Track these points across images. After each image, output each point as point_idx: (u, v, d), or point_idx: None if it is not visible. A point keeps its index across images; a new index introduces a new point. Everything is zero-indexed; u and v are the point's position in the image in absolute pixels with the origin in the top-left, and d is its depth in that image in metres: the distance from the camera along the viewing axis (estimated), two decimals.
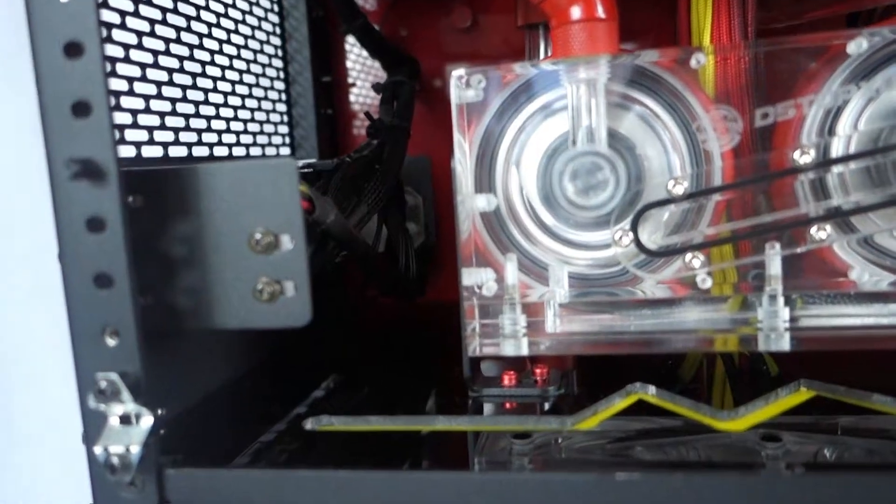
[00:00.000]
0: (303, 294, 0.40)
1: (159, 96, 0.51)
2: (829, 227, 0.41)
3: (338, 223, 0.50)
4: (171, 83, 0.53)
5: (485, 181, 0.47)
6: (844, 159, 0.41)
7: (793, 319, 0.42)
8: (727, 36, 0.49)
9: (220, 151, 0.60)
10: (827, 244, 0.41)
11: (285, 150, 0.73)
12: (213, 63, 0.59)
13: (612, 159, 0.42)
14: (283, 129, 0.72)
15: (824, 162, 0.40)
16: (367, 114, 0.63)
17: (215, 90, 0.59)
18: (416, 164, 0.73)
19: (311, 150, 0.74)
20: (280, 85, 0.72)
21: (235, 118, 0.63)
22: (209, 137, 0.58)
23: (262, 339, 0.59)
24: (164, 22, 0.52)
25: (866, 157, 0.41)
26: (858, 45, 0.40)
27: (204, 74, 0.58)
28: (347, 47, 0.78)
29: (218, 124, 0.60)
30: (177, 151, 0.53)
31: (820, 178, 0.42)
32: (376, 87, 0.69)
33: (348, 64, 0.78)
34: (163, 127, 0.52)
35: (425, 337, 0.69)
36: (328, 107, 0.76)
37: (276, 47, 0.71)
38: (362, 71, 0.80)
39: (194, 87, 0.56)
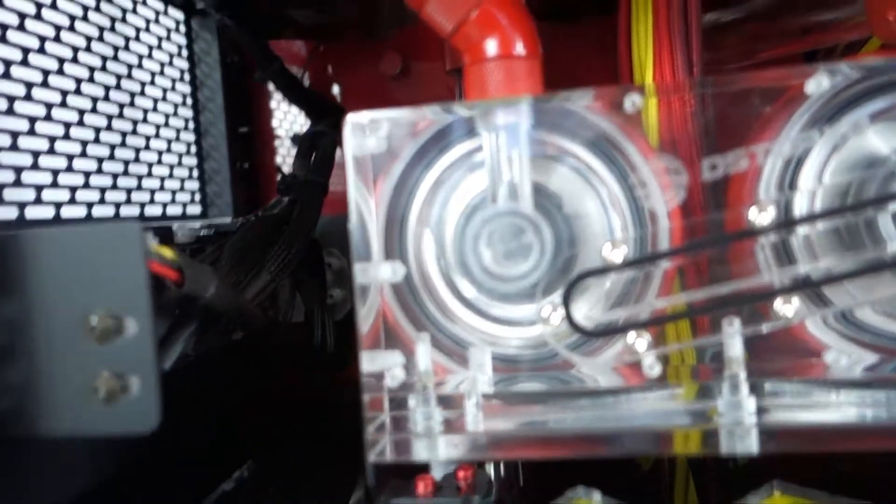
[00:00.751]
0: (149, 392, 0.32)
1: (14, 148, 0.44)
2: (796, 300, 0.34)
3: (222, 296, 0.42)
4: (32, 132, 0.45)
5: (393, 246, 0.39)
6: (809, 219, 0.34)
7: (760, 411, 0.35)
8: (671, 74, 0.43)
9: (103, 211, 0.52)
10: (796, 321, 0.34)
11: (194, 209, 0.65)
12: (94, 111, 0.51)
13: (536, 220, 0.35)
14: (192, 184, 0.65)
15: (786, 222, 0.34)
16: (279, 168, 0.56)
17: (97, 141, 0.52)
18: (342, 222, 0.65)
19: (225, 207, 0.66)
20: (189, 136, 0.65)
21: (125, 173, 0.55)
22: (86, 196, 0.50)
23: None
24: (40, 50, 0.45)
25: (835, 216, 0.34)
26: (818, 84, 0.34)
27: (81, 123, 0.50)
28: (272, 95, 0.71)
29: (100, 180, 0.52)
30: (37, 212, 0.45)
31: (783, 241, 0.35)
32: (295, 139, 0.62)
33: (274, 113, 0.71)
34: (18, 184, 0.44)
35: (352, 415, 0.60)
36: (245, 160, 0.69)
37: (183, 95, 0.64)
38: (287, 120, 0.73)
39: (66, 137, 0.48)
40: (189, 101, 0.65)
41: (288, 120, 0.72)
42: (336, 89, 0.70)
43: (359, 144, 0.38)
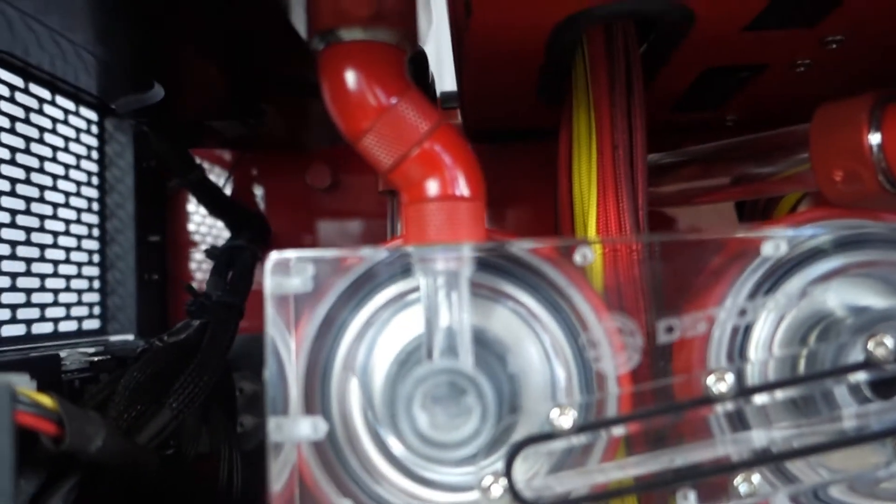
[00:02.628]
0: None
1: None
2: (757, 476, 0.31)
3: (110, 447, 0.36)
4: None
5: (316, 397, 0.35)
6: (766, 388, 0.32)
7: None
8: (616, 218, 0.41)
9: None
10: (758, 499, 0.31)
11: (92, 324, 0.58)
12: None
13: (478, 380, 0.31)
14: (91, 297, 0.59)
15: (743, 391, 0.31)
16: (189, 287, 0.51)
17: None
18: (256, 342, 0.60)
19: (128, 323, 0.60)
20: (91, 244, 0.59)
21: (12, 288, 0.49)
22: None
23: None
24: None
25: (791, 386, 0.32)
26: (776, 247, 0.32)
27: None
28: (190, 201, 0.67)
29: None
30: None
31: (738, 410, 0.33)
32: (210, 253, 0.57)
33: (190, 219, 0.67)
34: None
35: None
36: (154, 271, 0.63)
37: (89, 200, 0.59)
38: (208, 228, 0.68)
39: None
40: (95, 206, 0.60)
41: (205, 227, 0.68)
42: (260, 198, 0.66)
43: (280, 283, 0.34)
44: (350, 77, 0.33)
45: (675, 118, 0.58)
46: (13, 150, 0.49)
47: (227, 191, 0.65)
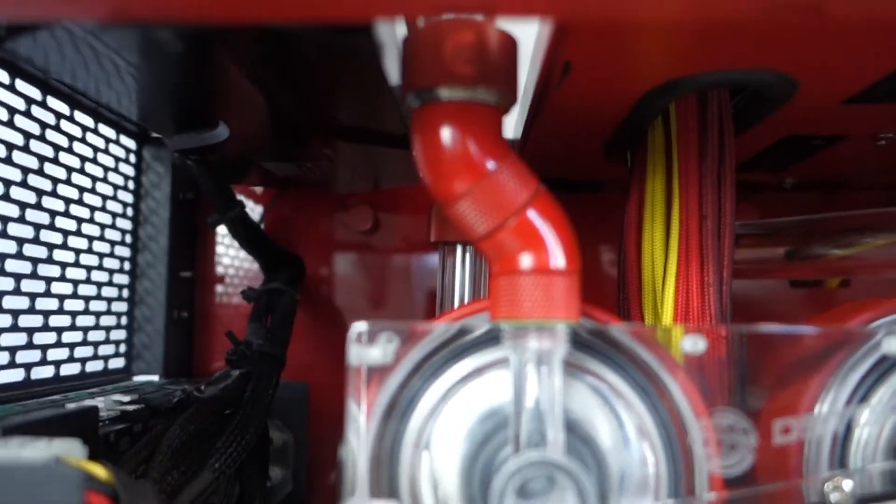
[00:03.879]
0: None
1: None
2: None
3: None
4: None
5: (383, 478, 0.33)
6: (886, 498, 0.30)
7: None
8: (698, 296, 0.39)
9: (8, 377, 0.43)
10: None
11: (117, 363, 0.56)
12: (20, 255, 0.43)
13: (578, 476, 0.29)
14: (118, 334, 0.56)
15: (867, 498, 0.29)
16: (230, 334, 0.48)
17: (17, 292, 0.43)
18: (289, 390, 0.57)
19: (154, 363, 0.57)
20: (122, 279, 0.56)
21: (45, 327, 0.46)
22: None
23: None
24: None
25: None
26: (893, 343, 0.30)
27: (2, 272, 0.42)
28: (221, 236, 0.65)
29: (12, 339, 0.43)
30: None
31: None
32: (247, 295, 0.55)
33: (221, 256, 0.64)
34: None
35: None
36: (184, 308, 0.61)
37: (123, 232, 0.56)
38: (238, 264, 0.66)
39: None
40: (129, 238, 0.57)
41: (236, 264, 0.65)
42: (296, 237, 0.64)
43: (359, 354, 0.32)
44: (448, 138, 0.31)
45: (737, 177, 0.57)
46: (55, 181, 0.47)
47: (263, 227, 0.63)
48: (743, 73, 0.36)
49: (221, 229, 0.64)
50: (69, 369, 0.49)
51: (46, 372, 0.46)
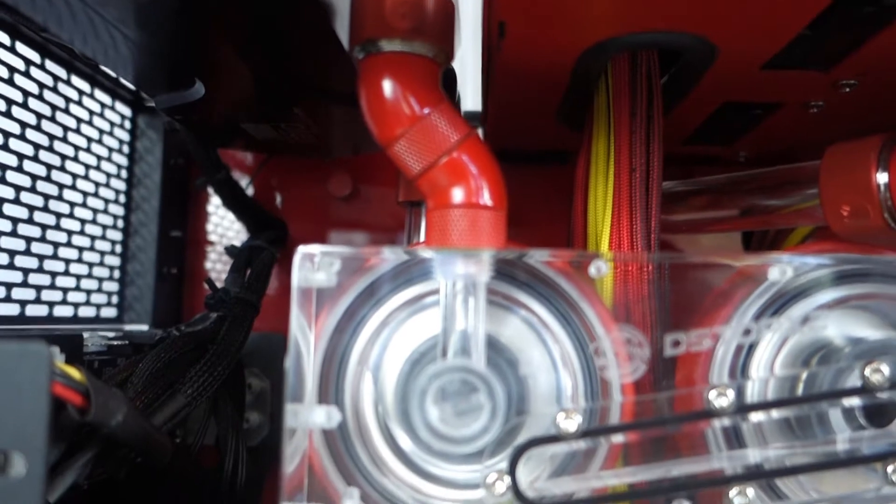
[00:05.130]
0: None
1: None
2: (751, 491, 0.32)
3: (129, 424, 0.37)
4: None
5: (330, 389, 0.36)
6: (764, 406, 0.33)
7: None
8: (628, 241, 0.43)
9: (5, 310, 0.47)
10: None
11: (109, 312, 0.60)
12: (17, 201, 0.48)
13: (489, 379, 0.33)
14: (111, 286, 0.60)
15: (742, 408, 0.33)
16: (209, 281, 0.52)
17: (14, 234, 0.47)
18: (267, 341, 0.62)
19: (144, 314, 0.62)
20: (116, 235, 0.61)
21: (39, 269, 0.50)
22: None
23: None
24: None
25: (788, 406, 0.34)
26: (782, 272, 0.34)
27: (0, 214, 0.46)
28: (211, 200, 0.69)
29: (9, 276, 0.47)
30: None
31: (734, 426, 0.34)
32: (229, 251, 0.59)
33: (210, 218, 0.69)
34: None
35: None
36: (173, 265, 0.65)
37: (117, 192, 0.61)
38: (227, 228, 0.70)
39: None
40: (122, 198, 0.62)
41: (223, 226, 0.69)
42: (281, 203, 0.68)
43: (306, 277, 0.36)
44: (387, 86, 0.35)
45: (688, 150, 0.60)
46: (52, 137, 0.51)
47: (250, 193, 0.67)
48: (666, 34, 0.39)
49: (214, 199, 0.68)
50: (62, 311, 0.53)
51: (41, 311, 0.50)
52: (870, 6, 0.34)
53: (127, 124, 0.62)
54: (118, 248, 0.61)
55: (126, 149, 0.62)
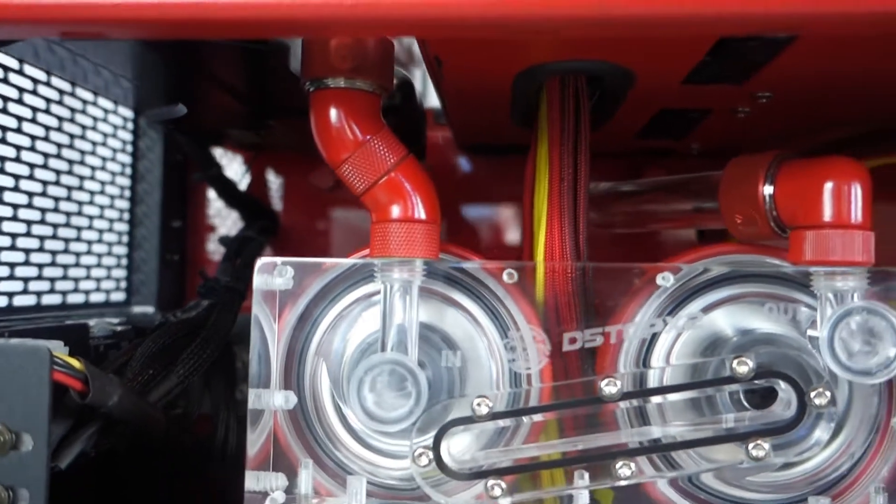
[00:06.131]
0: None
1: None
2: (633, 464, 0.38)
3: (125, 404, 0.44)
4: None
5: (291, 375, 0.43)
6: (642, 394, 0.39)
7: None
8: (559, 241, 0.48)
9: (24, 301, 0.54)
10: (633, 481, 0.38)
11: (118, 296, 0.67)
12: (30, 206, 0.54)
13: (415, 371, 0.39)
14: (119, 273, 0.67)
15: (627, 394, 0.39)
16: (202, 272, 0.59)
17: (28, 234, 0.54)
18: None
19: (150, 297, 0.69)
20: (122, 227, 0.68)
21: (53, 264, 0.57)
22: (8, 286, 0.52)
23: None
24: None
25: (680, 391, 0.39)
26: (666, 279, 0.39)
27: (15, 218, 0.53)
28: (209, 193, 0.75)
29: (25, 271, 0.54)
30: None
31: (639, 407, 0.40)
32: (223, 241, 0.66)
33: (210, 210, 0.75)
34: None
35: None
36: (175, 253, 0.72)
37: (122, 188, 0.67)
38: (224, 218, 0.76)
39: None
40: (127, 193, 0.68)
41: (221, 216, 0.76)
42: (273, 195, 0.74)
43: (265, 281, 0.42)
44: (333, 116, 0.40)
45: (641, 144, 0.65)
46: (59, 146, 0.57)
47: (244, 186, 0.73)
48: (586, 62, 0.44)
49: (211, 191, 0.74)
50: (74, 298, 0.60)
51: (55, 299, 0.58)
52: (753, 41, 0.39)
53: (129, 125, 0.68)
54: (125, 238, 0.68)
55: (129, 148, 0.68)
